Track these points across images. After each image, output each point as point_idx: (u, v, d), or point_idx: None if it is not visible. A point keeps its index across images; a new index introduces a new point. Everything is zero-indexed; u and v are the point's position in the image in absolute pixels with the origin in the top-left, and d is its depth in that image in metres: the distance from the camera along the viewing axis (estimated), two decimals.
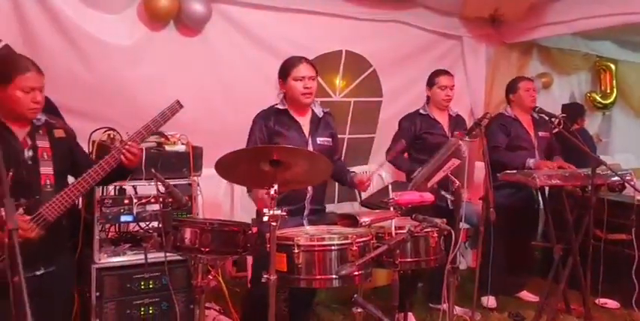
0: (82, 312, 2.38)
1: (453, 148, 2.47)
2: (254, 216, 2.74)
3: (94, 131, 2.82)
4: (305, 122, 2.60)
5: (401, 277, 2.18)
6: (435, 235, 2.23)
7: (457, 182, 2.47)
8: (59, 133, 2.07)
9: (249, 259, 3.24)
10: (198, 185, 2.76)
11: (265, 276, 1.87)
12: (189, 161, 2.75)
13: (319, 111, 2.65)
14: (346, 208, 4.07)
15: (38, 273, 1.89)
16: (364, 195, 3.48)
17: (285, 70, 2.57)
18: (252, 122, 2.59)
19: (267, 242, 1.94)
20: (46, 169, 1.96)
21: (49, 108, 3.15)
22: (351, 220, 2.20)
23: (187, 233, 1.95)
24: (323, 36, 3.96)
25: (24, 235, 1.78)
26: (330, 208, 4.02)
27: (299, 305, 2.70)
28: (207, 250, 1.93)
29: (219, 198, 3.65)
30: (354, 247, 1.99)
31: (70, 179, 2.07)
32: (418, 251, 2.22)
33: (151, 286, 2.47)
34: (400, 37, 4.22)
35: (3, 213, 1.75)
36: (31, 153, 1.93)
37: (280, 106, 2.59)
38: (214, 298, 2.98)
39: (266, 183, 1.93)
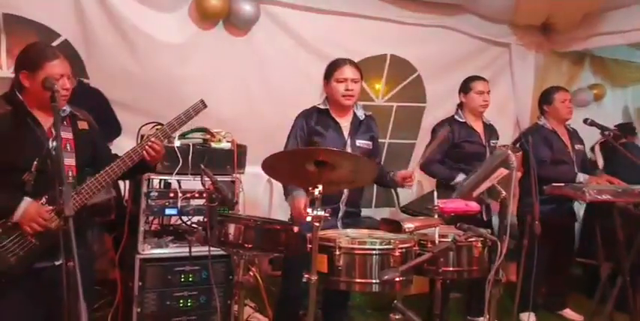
0: (124, 300, 2.44)
1: (502, 158, 2.40)
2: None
3: (143, 125, 2.89)
4: (345, 124, 2.60)
5: (435, 286, 2.14)
6: (480, 245, 2.18)
7: (504, 193, 2.41)
8: (83, 124, 2.07)
9: None
10: (240, 183, 2.79)
11: (306, 276, 1.87)
12: (233, 159, 2.78)
13: (361, 113, 2.65)
14: (384, 213, 4.04)
15: (57, 263, 1.86)
16: (403, 201, 3.45)
17: (329, 72, 2.60)
18: (295, 120, 2.62)
19: (308, 242, 1.95)
20: (69, 161, 1.95)
21: (99, 101, 3.30)
22: (393, 225, 2.17)
23: (231, 229, 1.97)
24: (368, 39, 3.95)
25: (45, 225, 1.81)
26: (366, 212, 4.00)
27: (333, 307, 2.69)
28: (249, 246, 1.94)
29: (258, 196, 3.68)
30: (397, 253, 1.97)
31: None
32: (461, 261, 2.18)
33: (190, 279, 2.51)
34: (447, 42, 4.16)
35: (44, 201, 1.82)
36: (55, 143, 1.88)
37: (322, 106, 2.61)
38: (250, 295, 3.00)
39: (310, 183, 1.94)
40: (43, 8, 3.12)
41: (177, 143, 2.65)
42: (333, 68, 2.59)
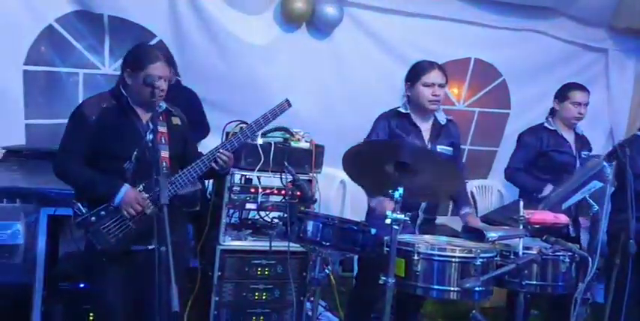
0: (203, 289, 2.55)
1: (596, 170, 2.26)
2: (362, 218, 2.75)
3: (228, 123, 3.02)
4: (426, 128, 2.54)
5: (515, 300, 2.04)
6: (567, 260, 2.06)
7: (596, 207, 2.26)
8: (176, 120, 2.19)
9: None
10: (316, 182, 2.83)
11: (383, 278, 1.86)
12: (311, 158, 2.83)
13: (442, 118, 2.58)
14: (460, 222, 3.91)
15: (150, 247, 1.95)
16: (482, 210, 3.33)
17: (415, 75, 2.53)
18: (375, 121, 2.58)
19: (385, 245, 1.94)
20: (163, 153, 2.04)
21: (189, 97, 3.47)
22: (475, 234, 2.11)
23: (310, 226, 2.01)
24: (452, 42, 3.88)
25: (141, 210, 1.94)
26: (442, 220, 3.90)
27: (405, 313, 2.65)
28: (327, 244, 1.97)
29: (330, 197, 3.72)
30: (478, 262, 1.90)
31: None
32: (546, 275, 2.06)
33: (266, 272, 2.58)
34: (536, 46, 3.98)
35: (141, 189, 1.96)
36: (151, 136, 2.00)
37: (402, 110, 2.55)
38: (321, 294, 3.03)
39: (388, 187, 1.92)
40: (143, 11, 3.36)
41: (259, 141, 2.74)
42: (419, 71, 2.52)
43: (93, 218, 1.94)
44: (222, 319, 2.53)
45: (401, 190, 1.88)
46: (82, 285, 2.47)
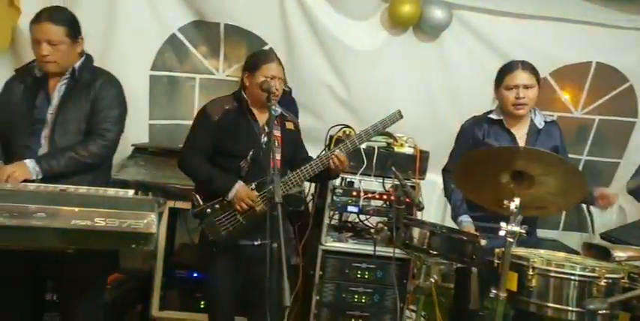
0: (304, 287, 2.63)
1: None
2: None
3: (331, 127, 3.08)
4: (521, 134, 2.35)
5: None
6: None
7: None
8: (290, 125, 2.29)
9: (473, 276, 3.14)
10: (420, 188, 2.78)
11: (494, 291, 1.78)
12: (415, 164, 2.79)
13: (540, 121, 2.37)
14: (573, 238, 3.62)
15: (256, 243, 2.10)
16: (600, 227, 3.05)
17: (499, 77, 2.37)
18: (459, 131, 2.47)
19: (495, 258, 1.85)
20: (276, 155, 2.14)
21: (289, 100, 3.59)
22: (598, 252, 1.94)
23: (416, 233, 1.98)
24: (570, 45, 3.61)
25: (252, 205, 2.04)
26: (552, 234, 3.64)
27: None
28: (434, 253, 1.93)
29: (431, 205, 3.63)
30: (602, 283, 1.75)
31: None
32: None
33: (366, 276, 2.59)
34: None
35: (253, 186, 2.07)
36: (265, 139, 2.15)
37: (494, 116, 2.39)
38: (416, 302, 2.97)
39: (501, 198, 1.82)
40: (256, 19, 3.52)
41: (362, 145, 2.75)
42: (502, 73, 2.35)
43: (208, 210, 2.09)
44: (321, 318, 2.58)
45: (517, 200, 1.79)
46: (195, 274, 2.67)
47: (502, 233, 1.78)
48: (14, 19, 3.13)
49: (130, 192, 1.77)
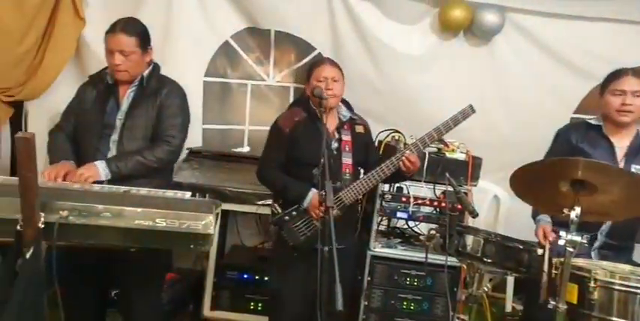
0: (352, 292, 2.62)
1: None
2: (519, 235, 2.56)
3: (380, 132, 3.08)
4: (622, 145, 2.26)
5: None
6: None
7: None
8: (360, 129, 2.33)
9: (509, 280, 3.06)
10: (472, 195, 2.73)
11: (552, 303, 1.72)
12: (467, 170, 2.74)
13: None
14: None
15: (326, 248, 2.14)
16: None
17: (605, 82, 2.31)
18: (554, 137, 2.41)
19: (553, 268, 1.79)
20: (347, 160, 2.23)
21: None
22: None
23: (470, 240, 1.95)
24: (628, 47, 3.43)
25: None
26: None
27: None
28: (489, 261, 1.88)
29: (482, 212, 3.53)
30: None
31: None
32: None
33: (415, 283, 2.57)
34: None
35: (323, 193, 2.10)
36: (336, 144, 2.21)
37: (594, 122, 2.32)
38: (467, 311, 2.90)
39: (561, 206, 1.76)
40: (306, 25, 3.57)
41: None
42: (609, 78, 2.30)
43: (286, 217, 2.15)
44: None
45: (578, 209, 1.72)
46: (245, 276, 2.73)
47: (561, 242, 1.72)
48: (79, 30, 3.32)
49: (188, 194, 1.84)
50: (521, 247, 1.91)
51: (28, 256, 1.47)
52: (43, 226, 1.50)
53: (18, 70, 3.18)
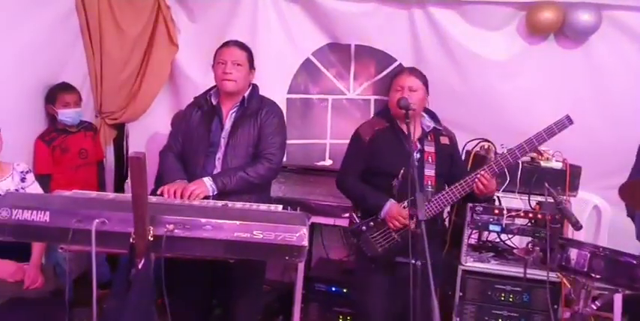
0: (442, 309, 2.53)
1: None
2: (623, 249, 2.34)
3: (468, 141, 2.98)
4: None
5: None
6: None
7: None
8: (444, 139, 2.28)
9: (616, 298, 2.80)
10: (570, 206, 2.55)
11: None
12: (564, 180, 2.58)
13: None
14: None
15: (413, 261, 2.02)
16: None
17: None
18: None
19: None
20: (429, 172, 2.19)
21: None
22: None
23: (574, 254, 1.82)
24: None
25: (404, 223, 2.04)
26: None
27: None
28: (597, 277, 1.75)
29: (582, 224, 3.30)
30: None
31: None
32: None
33: (510, 299, 2.44)
34: None
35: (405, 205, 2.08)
36: (418, 155, 2.16)
37: None
38: None
39: None
40: (386, 37, 3.57)
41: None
42: None
43: (363, 227, 2.16)
44: None
45: None
46: (333, 289, 2.74)
47: None
48: (172, 55, 3.59)
49: (279, 207, 1.90)
50: (634, 262, 1.75)
51: (140, 266, 1.58)
52: (152, 238, 1.60)
53: (120, 95, 3.50)
